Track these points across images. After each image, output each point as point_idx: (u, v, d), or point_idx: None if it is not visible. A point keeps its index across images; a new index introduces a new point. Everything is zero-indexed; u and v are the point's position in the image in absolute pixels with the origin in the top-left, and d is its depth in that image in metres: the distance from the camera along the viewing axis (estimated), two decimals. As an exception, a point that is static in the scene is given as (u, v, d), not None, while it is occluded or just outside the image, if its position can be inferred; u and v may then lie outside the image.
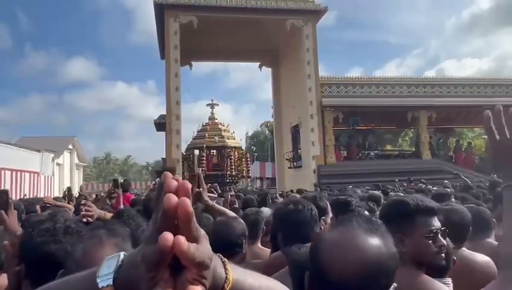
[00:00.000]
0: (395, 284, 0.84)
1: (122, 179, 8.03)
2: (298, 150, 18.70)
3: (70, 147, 27.18)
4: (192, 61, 21.14)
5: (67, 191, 8.88)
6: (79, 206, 3.22)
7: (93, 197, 7.42)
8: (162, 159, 18.24)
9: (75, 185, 23.63)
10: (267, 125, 39.29)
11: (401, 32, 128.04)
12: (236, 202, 5.59)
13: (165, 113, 16.82)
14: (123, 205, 4.45)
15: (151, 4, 16.73)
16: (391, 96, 17.85)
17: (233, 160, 19.58)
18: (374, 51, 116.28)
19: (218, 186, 7.62)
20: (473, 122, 20.93)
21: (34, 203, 4.62)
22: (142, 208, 3.06)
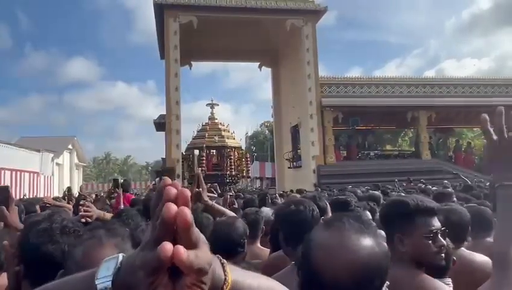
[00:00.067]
0: (388, 282, 0.84)
1: (122, 179, 8.02)
2: (298, 150, 18.68)
3: (70, 147, 27.17)
4: (192, 61, 21.13)
5: (67, 191, 8.88)
6: (78, 206, 3.20)
7: (93, 197, 7.41)
8: (162, 159, 18.22)
9: (75, 185, 23.63)
10: (267, 125, 39.35)
11: (401, 32, 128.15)
12: (235, 202, 5.60)
13: (164, 113, 16.80)
14: (123, 205, 4.45)
15: (151, 4, 16.74)
16: (391, 96, 17.83)
17: (233, 160, 19.58)
18: (373, 51, 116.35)
19: (218, 186, 7.64)
20: (472, 122, 20.89)
21: (34, 203, 4.60)
22: (141, 208, 3.06)
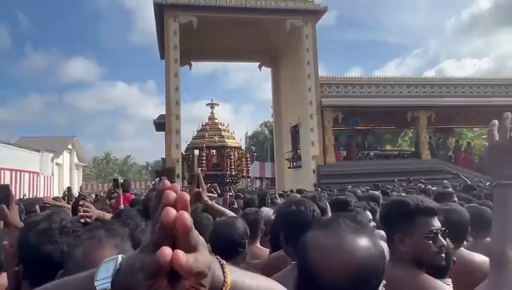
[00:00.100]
0: (384, 281, 0.84)
1: (122, 179, 8.02)
2: (298, 150, 18.67)
3: (70, 147, 27.17)
4: (191, 61, 21.12)
5: (67, 191, 8.89)
6: (77, 206, 3.20)
7: (93, 197, 7.41)
8: (162, 159, 18.21)
9: (75, 185, 23.63)
10: (267, 125, 39.32)
11: (401, 32, 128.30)
12: (235, 202, 5.60)
13: (164, 113, 16.79)
14: (123, 205, 4.44)
15: (151, 4, 16.74)
16: (391, 96, 17.82)
17: (233, 160, 19.56)
18: (373, 51, 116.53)
19: (217, 186, 7.65)
20: (472, 122, 20.94)
21: (34, 203, 4.61)
22: (141, 208, 3.05)
